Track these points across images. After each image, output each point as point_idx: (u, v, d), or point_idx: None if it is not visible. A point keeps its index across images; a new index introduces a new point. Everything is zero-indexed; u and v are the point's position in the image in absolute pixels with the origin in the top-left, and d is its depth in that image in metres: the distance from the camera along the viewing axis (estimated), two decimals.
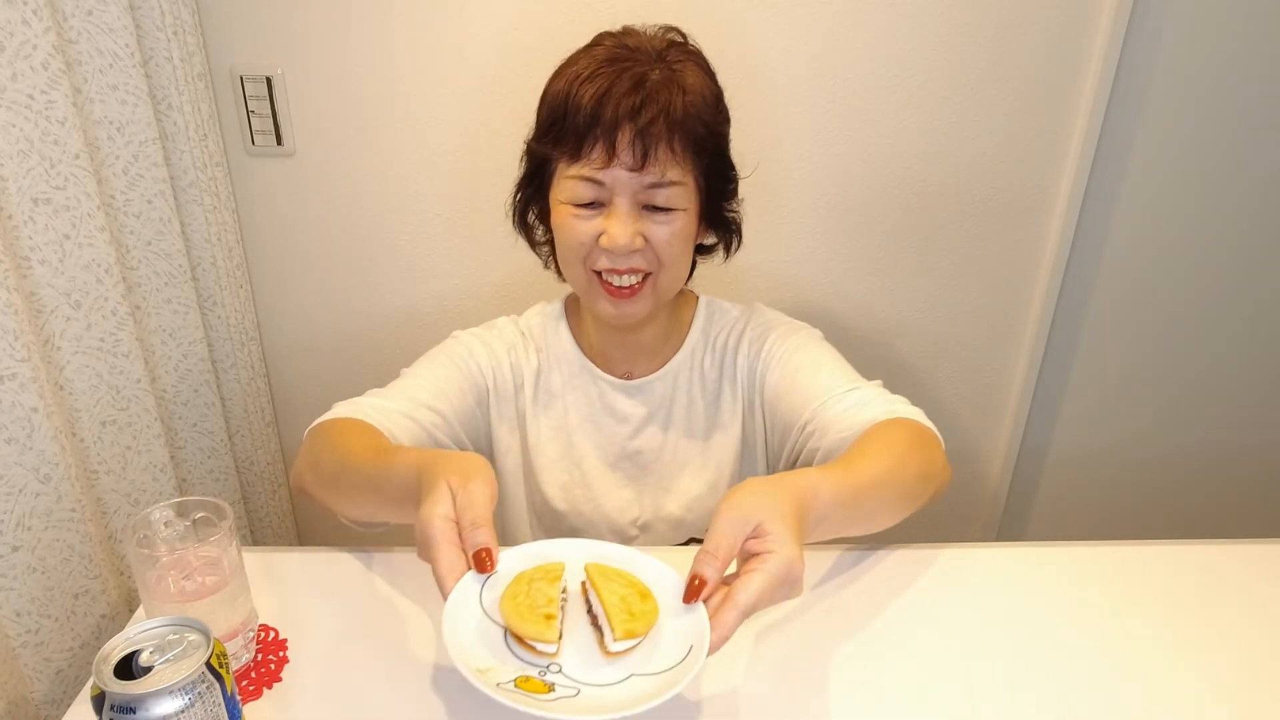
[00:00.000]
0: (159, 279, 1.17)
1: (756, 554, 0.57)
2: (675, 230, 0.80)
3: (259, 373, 1.37)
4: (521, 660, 0.56)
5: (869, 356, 1.41)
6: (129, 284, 1.12)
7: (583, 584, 0.61)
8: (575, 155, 0.78)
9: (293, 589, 0.76)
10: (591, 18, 1.17)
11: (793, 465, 0.87)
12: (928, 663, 0.69)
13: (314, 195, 1.29)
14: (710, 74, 0.82)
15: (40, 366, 0.93)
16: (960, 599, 0.76)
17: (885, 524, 0.75)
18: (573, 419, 0.94)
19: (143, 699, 0.48)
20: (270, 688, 0.65)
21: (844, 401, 0.81)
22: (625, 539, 0.94)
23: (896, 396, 0.84)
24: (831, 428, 0.80)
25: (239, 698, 0.58)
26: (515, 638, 0.56)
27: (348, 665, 0.67)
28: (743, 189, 0.90)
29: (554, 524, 0.95)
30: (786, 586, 0.57)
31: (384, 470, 0.71)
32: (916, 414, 0.82)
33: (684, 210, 0.80)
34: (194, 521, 0.65)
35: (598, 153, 0.76)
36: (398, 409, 0.84)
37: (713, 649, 0.54)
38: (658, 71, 0.77)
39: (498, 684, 0.52)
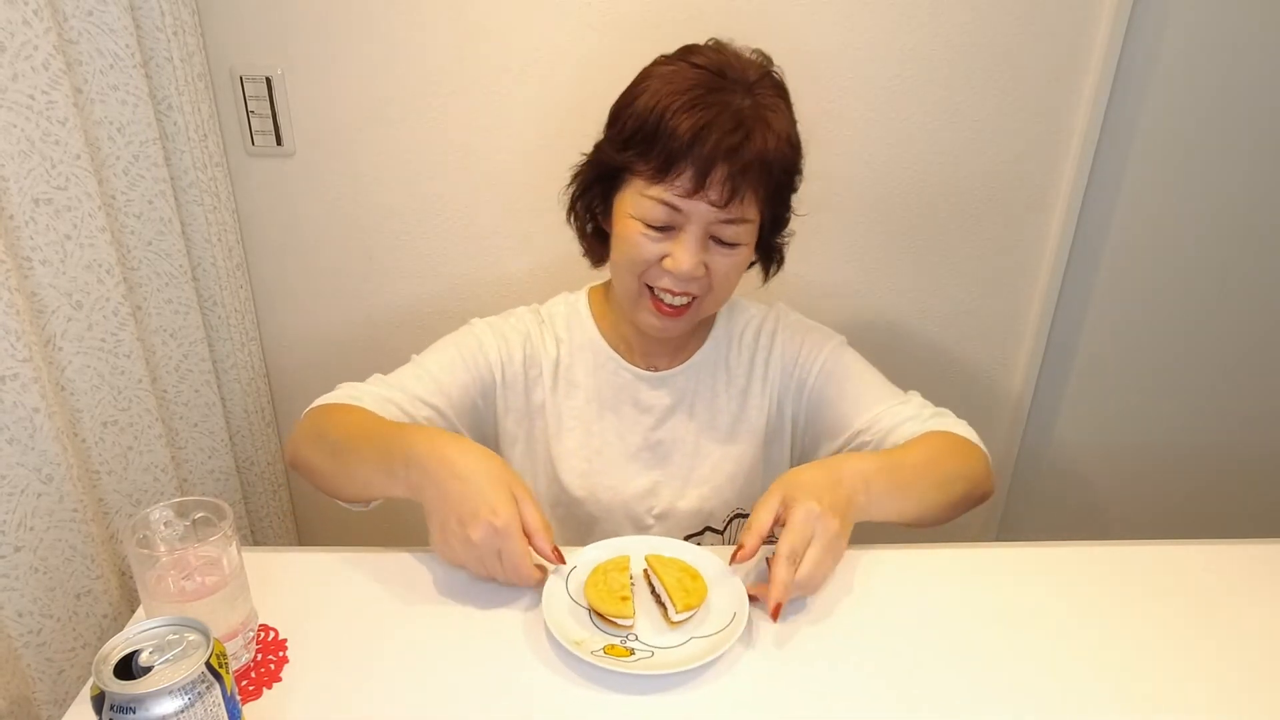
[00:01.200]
0: (160, 279, 1.17)
1: (784, 521, 0.72)
2: (736, 262, 0.84)
3: (259, 373, 1.37)
4: (605, 633, 0.71)
5: (869, 356, 1.41)
6: (130, 284, 1.12)
7: (644, 571, 0.77)
8: (660, 178, 0.78)
9: (293, 589, 0.76)
10: (591, 17, 1.17)
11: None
12: (928, 662, 0.69)
13: (314, 195, 1.29)
14: (790, 106, 0.84)
15: (42, 367, 0.93)
16: (960, 599, 0.76)
17: (929, 511, 0.82)
18: (594, 408, 0.95)
19: (142, 699, 0.48)
20: (270, 688, 0.65)
21: (898, 415, 0.89)
22: (642, 527, 0.95)
23: (942, 410, 0.91)
24: (888, 440, 0.88)
25: (239, 698, 0.58)
26: (599, 615, 0.71)
27: (348, 665, 0.67)
28: None
29: (570, 511, 0.96)
30: (813, 521, 0.71)
31: (392, 438, 0.76)
32: (962, 427, 0.89)
33: (746, 245, 0.84)
34: (194, 521, 0.65)
35: (685, 181, 0.77)
36: (393, 399, 0.86)
37: (777, 599, 0.68)
38: (749, 102, 0.78)
39: (591, 652, 0.67)
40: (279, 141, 1.24)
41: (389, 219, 1.31)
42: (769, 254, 0.93)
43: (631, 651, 0.68)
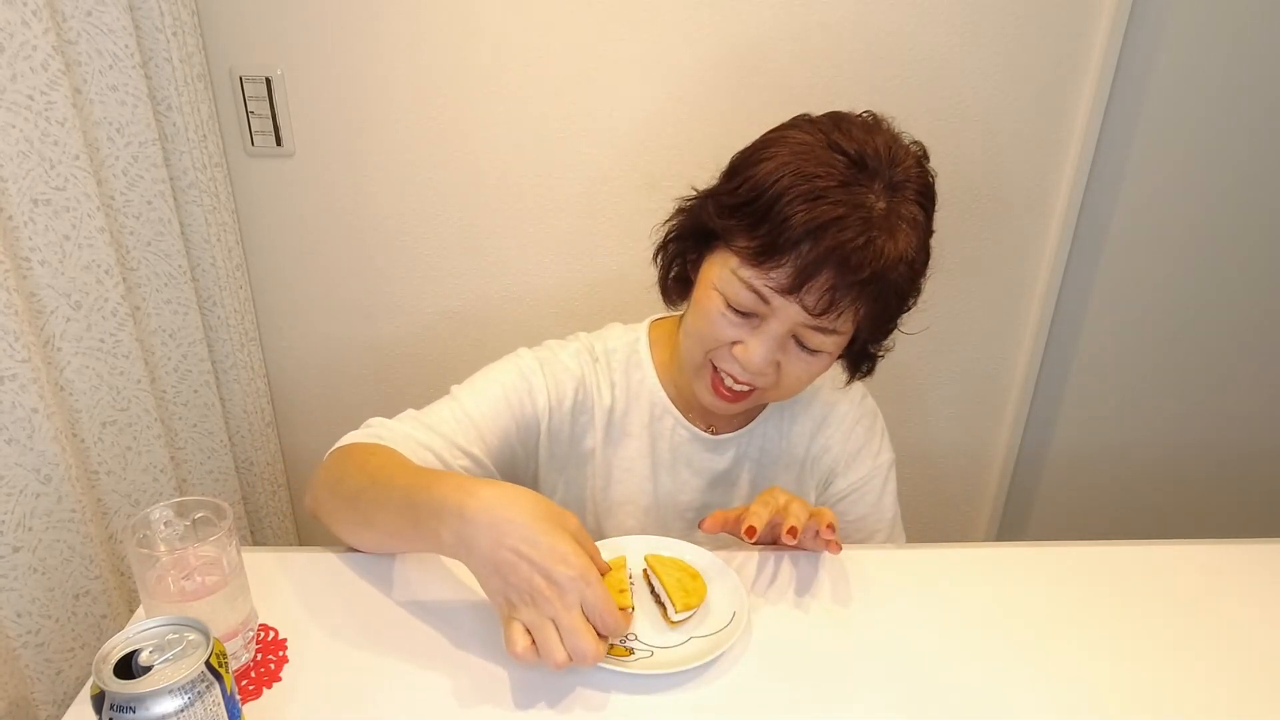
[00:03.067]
0: (159, 280, 1.17)
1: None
2: (811, 369, 0.77)
3: (259, 373, 1.37)
4: None
5: None
6: (129, 285, 1.12)
7: (644, 571, 0.76)
8: (758, 263, 0.70)
9: (293, 589, 0.75)
10: (592, 16, 1.17)
11: None
12: (928, 662, 0.69)
13: (313, 196, 1.29)
14: (930, 217, 0.77)
15: (41, 367, 0.93)
16: (960, 599, 0.76)
17: None
18: (648, 463, 0.89)
19: (142, 698, 0.48)
20: (270, 687, 0.65)
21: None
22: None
23: None
24: None
25: (238, 697, 0.58)
26: None
27: (348, 665, 0.67)
28: None
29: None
30: (777, 492, 0.74)
31: (419, 489, 0.65)
32: None
33: (829, 354, 0.77)
34: (194, 521, 0.65)
35: (783, 276, 0.69)
36: (430, 446, 0.78)
37: (750, 522, 0.70)
38: (883, 205, 0.70)
39: None
40: (279, 142, 1.24)
41: (389, 219, 1.31)
42: (858, 360, 0.85)
43: (631, 651, 0.68)
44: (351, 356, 1.41)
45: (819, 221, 0.67)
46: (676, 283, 0.84)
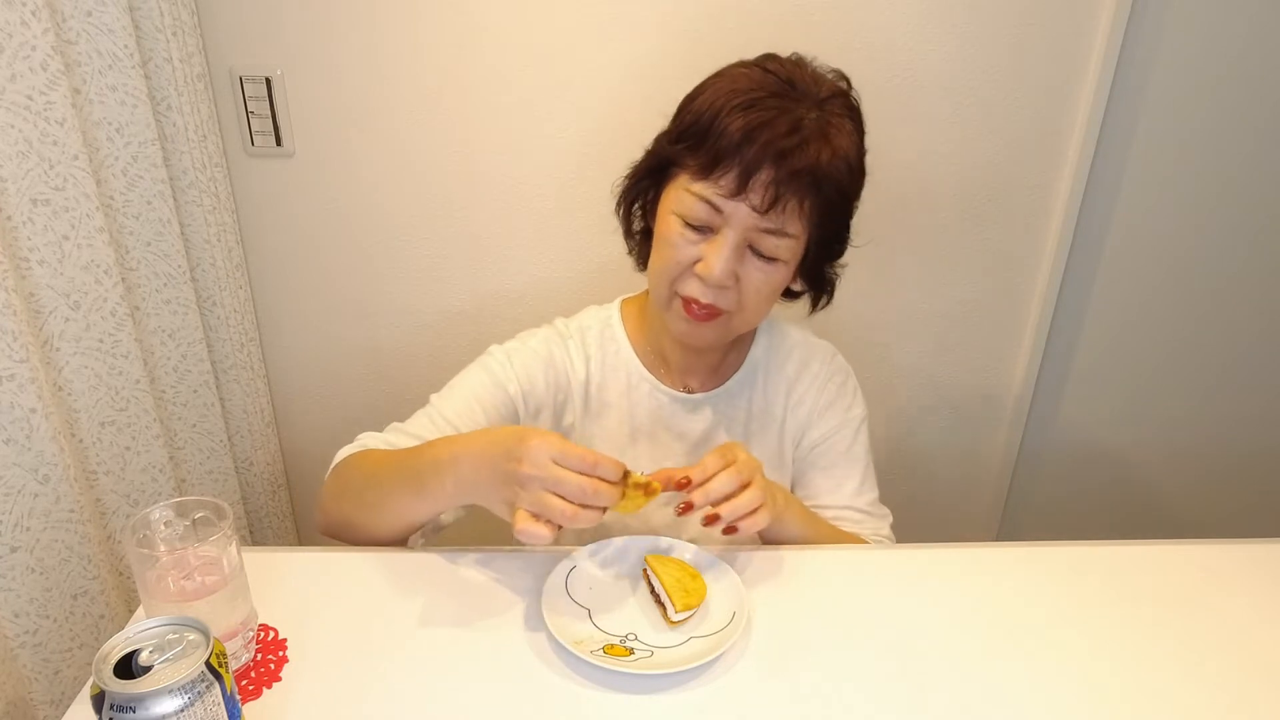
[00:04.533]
0: (158, 280, 1.17)
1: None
2: (769, 280, 0.80)
3: (258, 373, 1.37)
4: (605, 633, 0.70)
5: (869, 357, 1.42)
6: (128, 285, 1.12)
7: (644, 570, 0.76)
8: (705, 174, 0.76)
9: (293, 589, 0.75)
10: (591, 16, 1.17)
11: None
12: (927, 662, 0.69)
13: (313, 196, 1.29)
14: (861, 132, 0.81)
15: (39, 367, 0.93)
16: (960, 599, 0.76)
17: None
18: (627, 431, 0.91)
19: (142, 698, 0.48)
20: (270, 687, 0.65)
21: (860, 526, 0.92)
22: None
23: (888, 536, 0.94)
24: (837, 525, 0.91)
25: (238, 697, 0.58)
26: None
27: (348, 665, 0.67)
28: None
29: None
30: (734, 447, 0.75)
31: (415, 457, 0.74)
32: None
33: (785, 263, 0.80)
34: (194, 521, 0.65)
35: (728, 181, 0.75)
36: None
37: (691, 476, 0.71)
38: (814, 120, 0.75)
39: (591, 651, 0.67)
40: (279, 142, 1.24)
41: (388, 219, 1.31)
42: (818, 283, 0.88)
43: (631, 651, 0.68)
44: (351, 356, 1.41)
45: (754, 124, 0.74)
46: (643, 237, 0.90)
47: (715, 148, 0.75)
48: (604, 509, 0.65)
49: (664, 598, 0.72)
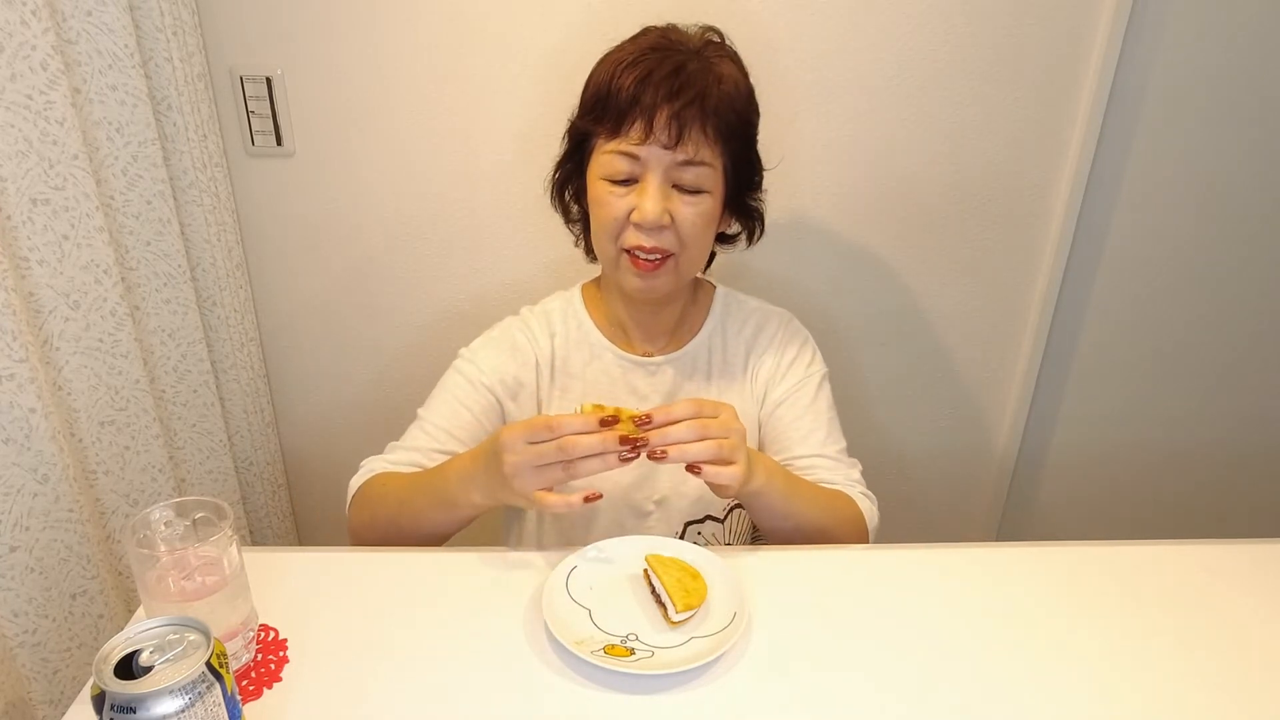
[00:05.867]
0: (158, 279, 1.17)
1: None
2: (700, 211, 0.86)
3: (258, 373, 1.37)
4: (606, 633, 0.71)
5: (869, 357, 1.42)
6: (128, 284, 1.12)
7: (644, 570, 0.77)
8: (615, 132, 0.84)
9: (293, 589, 0.75)
10: (590, 17, 1.17)
11: None
12: (928, 662, 0.69)
13: (314, 196, 1.29)
14: (743, 72, 0.88)
15: (39, 367, 0.93)
16: (960, 599, 0.76)
17: (796, 524, 0.85)
18: (592, 397, 0.96)
19: (143, 698, 0.48)
20: (270, 688, 0.65)
21: (832, 472, 0.93)
22: (641, 514, 0.96)
23: (869, 493, 0.94)
24: (809, 477, 0.92)
25: (239, 697, 0.58)
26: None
27: (348, 665, 0.67)
28: None
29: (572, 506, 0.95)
30: (711, 406, 0.76)
31: (441, 479, 0.82)
32: (868, 510, 0.91)
33: (710, 193, 0.86)
34: (194, 521, 0.65)
35: (636, 130, 0.82)
36: (414, 462, 0.90)
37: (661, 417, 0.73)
38: (696, 62, 0.83)
39: (591, 651, 0.67)
40: (279, 142, 1.24)
41: (389, 219, 1.31)
42: (746, 214, 0.95)
43: (631, 651, 0.68)
44: (351, 356, 1.41)
45: (642, 75, 0.82)
46: (583, 225, 0.97)
47: (616, 106, 0.83)
48: (604, 456, 0.71)
49: (664, 598, 0.72)
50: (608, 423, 0.71)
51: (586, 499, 0.73)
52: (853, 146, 1.27)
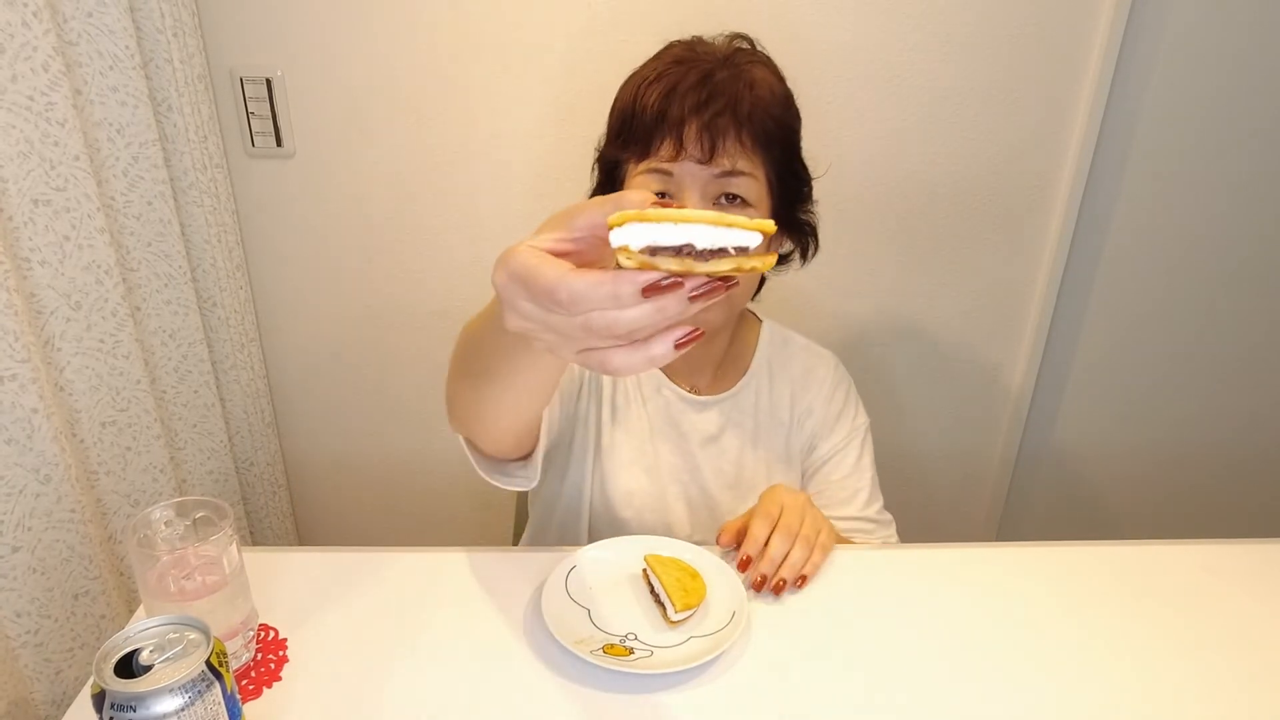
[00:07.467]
0: (159, 280, 1.17)
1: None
2: None
3: (259, 374, 1.37)
4: (605, 633, 0.70)
5: (870, 357, 1.42)
6: (129, 285, 1.12)
7: (644, 570, 0.76)
8: (645, 153, 0.78)
9: (293, 589, 0.76)
10: (591, 16, 1.18)
11: None
12: (927, 662, 0.69)
13: (314, 197, 1.29)
14: (779, 76, 0.83)
15: (40, 367, 0.93)
16: (960, 599, 0.76)
17: None
18: (646, 428, 0.92)
19: (142, 697, 0.48)
20: (270, 687, 0.65)
21: (867, 530, 0.93)
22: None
23: (893, 537, 0.95)
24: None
25: (239, 697, 0.58)
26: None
27: (348, 665, 0.67)
28: None
29: (614, 530, 0.92)
30: (777, 496, 0.79)
31: (481, 319, 0.62)
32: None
33: (754, 207, 0.81)
34: (194, 521, 0.65)
35: (666, 148, 0.77)
36: None
37: (769, 573, 0.76)
38: (724, 70, 0.78)
39: (591, 651, 0.67)
40: (279, 142, 1.24)
41: (389, 220, 1.31)
42: (798, 229, 0.89)
43: (631, 651, 0.68)
44: (351, 356, 1.41)
45: (667, 89, 0.76)
46: None
47: (642, 125, 0.78)
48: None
49: (664, 597, 0.72)
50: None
51: (679, 345, 0.42)
52: (853, 146, 1.27)
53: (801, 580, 0.77)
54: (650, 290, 0.39)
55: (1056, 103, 1.24)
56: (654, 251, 0.39)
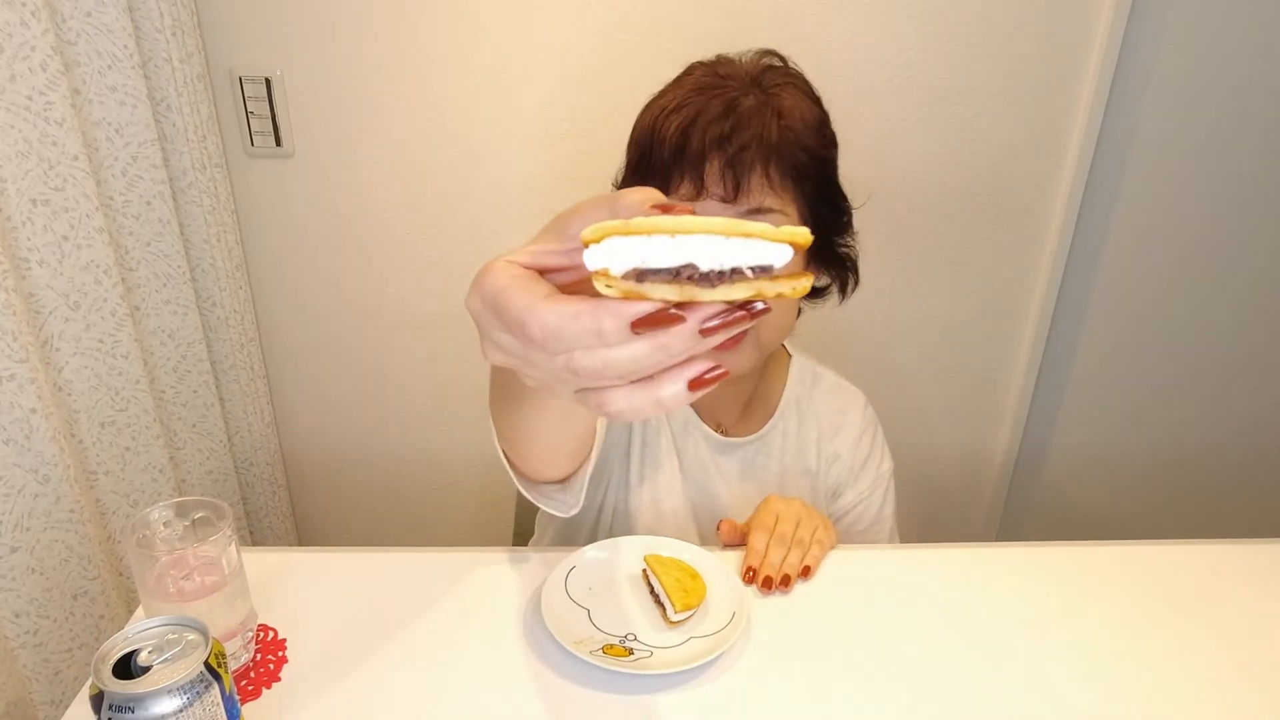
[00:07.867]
0: (158, 280, 1.17)
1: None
2: None
3: (258, 373, 1.37)
4: (604, 633, 0.70)
5: (870, 357, 1.41)
6: (128, 285, 1.12)
7: (644, 571, 0.76)
8: (663, 192, 0.73)
9: (293, 589, 0.75)
10: (590, 18, 1.17)
11: None
12: (927, 662, 0.69)
13: (313, 196, 1.29)
14: (813, 97, 0.77)
15: (39, 367, 0.93)
16: (960, 599, 0.76)
17: None
18: (673, 467, 0.88)
19: (141, 698, 0.48)
20: (269, 688, 0.65)
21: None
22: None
23: None
24: None
25: (238, 697, 0.58)
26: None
27: (347, 665, 0.67)
28: None
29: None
30: (772, 507, 0.79)
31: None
32: None
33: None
34: (193, 521, 0.65)
35: (686, 187, 0.71)
36: None
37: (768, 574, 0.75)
38: (751, 97, 0.71)
39: (590, 652, 0.66)
40: (278, 142, 1.24)
41: (388, 220, 1.31)
42: (837, 263, 0.83)
43: (631, 651, 0.68)
44: (351, 356, 1.41)
45: (687, 121, 0.70)
46: None
47: (660, 161, 0.71)
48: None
49: (663, 598, 0.72)
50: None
51: (694, 385, 0.35)
52: (852, 148, 1.26)
53: (805, 570, 0.76)
54: (642, 324, 0.30)
55: (1056, 103, 1.24)
56: (642, 276, 0.30)
